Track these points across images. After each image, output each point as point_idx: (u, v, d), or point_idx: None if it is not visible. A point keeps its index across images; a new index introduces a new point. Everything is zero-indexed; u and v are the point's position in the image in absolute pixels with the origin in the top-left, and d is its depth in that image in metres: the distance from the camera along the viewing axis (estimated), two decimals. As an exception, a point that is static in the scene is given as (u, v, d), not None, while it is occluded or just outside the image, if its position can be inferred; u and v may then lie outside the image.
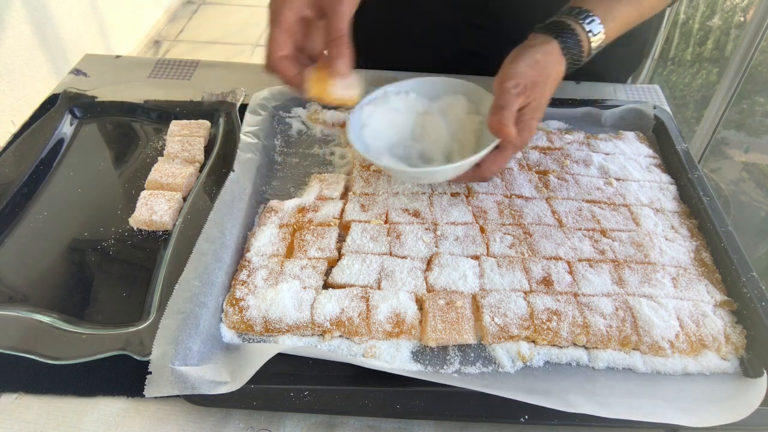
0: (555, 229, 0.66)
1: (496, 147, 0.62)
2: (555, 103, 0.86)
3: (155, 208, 0.68)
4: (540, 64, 0.61)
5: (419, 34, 0.65)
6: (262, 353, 0.52)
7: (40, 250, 0.65)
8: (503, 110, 0.59)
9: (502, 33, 0.69)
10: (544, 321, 0.56)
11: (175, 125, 0.79)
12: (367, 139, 0.67)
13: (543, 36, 0.63)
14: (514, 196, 0.71)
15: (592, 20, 0.64)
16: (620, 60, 0.96)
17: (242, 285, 0.60)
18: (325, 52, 0.59)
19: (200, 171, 0.75)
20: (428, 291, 0.59)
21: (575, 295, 0.59)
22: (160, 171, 0.72)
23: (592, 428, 0.52)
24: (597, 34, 0.64)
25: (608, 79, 0.95)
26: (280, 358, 0.53)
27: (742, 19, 1.84)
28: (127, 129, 0.83)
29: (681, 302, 0.59)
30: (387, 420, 0.53)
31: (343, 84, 0.58)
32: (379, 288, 0.60)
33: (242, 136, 0.76)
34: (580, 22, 0.64)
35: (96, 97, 0.85)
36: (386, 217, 0.68)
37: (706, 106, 1.57)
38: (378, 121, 0.68)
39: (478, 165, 0.63)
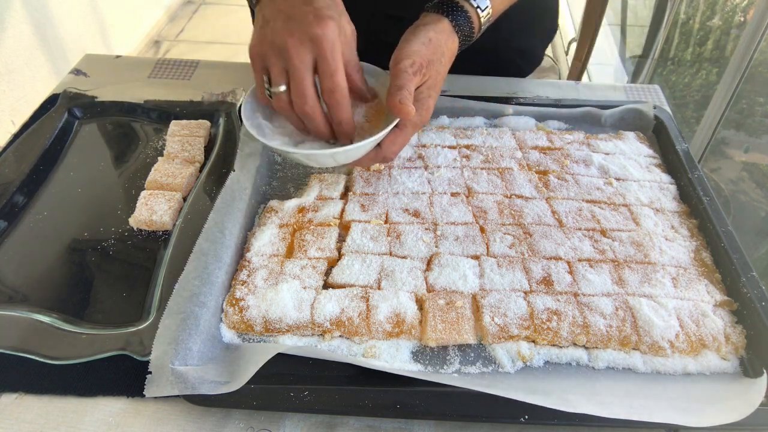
0: (555, 229, 0.66)
1: (396, 126, 0.62)
2: (555, 103, 0.87)
3: (155, 208, 0.68)
4: (433, 42, 0.62)
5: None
6: (262, 353, 0.52)
7: (40, 250, 0.65)
8: (401, 90, 0.58)
9: (416, 20, 0.70)
10: (544, 321, 0.56)
11: (175, 125, 0.79)
12: (264, 122, 0.65)
13: (434, 15, 0.64)
14: (514, 196, 0.71)
15: None
16: (536, 32, 0.99)
17: (242, 285, 0.60)
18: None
19: (200, 171, 0.75)
20: (428, 291, 0.59)
21: (575, 295, 0.59)
22: (160, 171, 0.72)
23: (592, 428, 0.52)
24: (485, 9, 0.66)
25: (528, 53, 0.98)
26: (280, 358, 0.53)
27: (742, 19, 1.84)
28: (127, 129, 0.83)
29: (681, 302, 0.59)
30: (387, 420, 0.53)
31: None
32: (379, 288, 0.60)
33: (242, 136, 0.76)
34: None
35: (96, 97, 0.85)
36: (386, 217, 0.68)
37: (706, 106, 1.57)
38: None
39: (379, 146, 0.63)
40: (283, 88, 0.59)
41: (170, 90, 0.89)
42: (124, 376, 0.54)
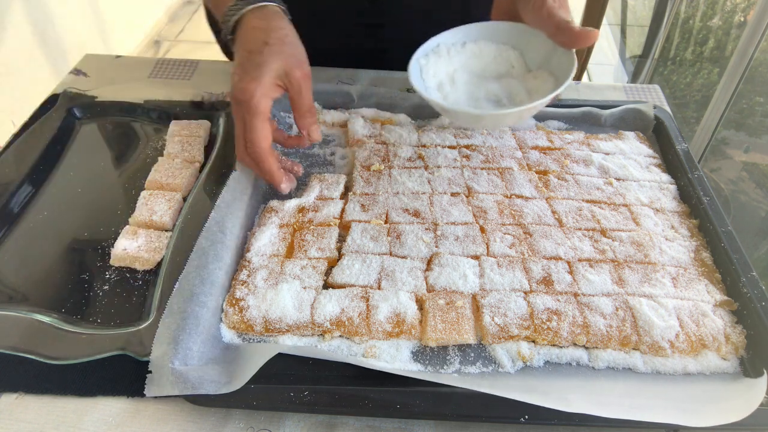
0: (555, 229, 0.66)
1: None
2: (555, 103, 0.86)
3: (155, 208, 0.68)
4: None
5: (315, 39, 0.68)
6: (262, 353, 0.52)
7: (40, 250, 0.65)
8: (570, 23, 0.61)
9: (398, 27, 0.71)
10: (544, 321, 0.56)
11: (175, 125, 0.79)
12: (437, 94, 0.68)
13: None
14: (514, 196, 0.71)
15: None
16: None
17: (242, 285, 0.60)
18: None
19: (200, 171, 0.75)
20: (428, 291, 0.59)
21: (575, 294, 0.59)
22: (160, 171, 0.72)
23: (592, 428, 0.52)
24: None
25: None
26: (280, 358, 0.53)
27: (742, 19, 1.84)
28: (127, 129, 0.83)
29: (681, 302, 0.59)
30: (387, 420, 0.53)
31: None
32: (379, 288, 0.60)
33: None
34: None
35: (96, 97, 0.85)
36: (386, 217, 0.68)
37: (706, 106, 1.57)
38: (441, 77, 0.69)
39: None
40: None
41: (170, 90, 0.89)
42: (124, 376, 0.54)
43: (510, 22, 0.69)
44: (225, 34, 0.68)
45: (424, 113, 0.85)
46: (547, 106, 0.77)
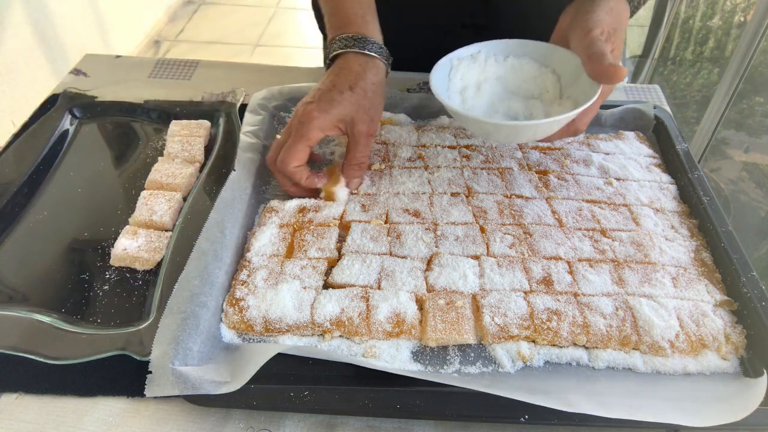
0: (555, 229, 0.66)
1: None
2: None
3: (155, 208, 0.68)
4: (614, 11, 0.63)
5: (411, 36, 0.67)
6: (262, 353, 0.52)
7: (40, 250, 0.65)
8: (605, 56, 0.59)
9: (499, 33, 0.70)
10: (544, 321, 0.56)
11: (175, 125, 0.79)
12: (457, 97, 0.68)
13: None
14: (514, 196, 0.71)
15: None
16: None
17: (242, 285, 0.60)
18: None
19: (200, 171, 0.75)
20: (428, 291, 0.59)
21: (575, 294, 0.59)
22: (160, 171, 0.72)
23: (592, 428, 0.52)
24: None
25: None
26: (280, 358, 0.53)
27: (742, 19, 1.84)
28: (127, 129, 0.83)
29: (681, 302, 0.59)
30: (387, 420, 0.53)
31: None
32: (379, 288, 0.60)
33: (242, 136, 0.76)
34: None
35: (96, 97, 0.85)
36: (386, 217, 0.68)
37: (707, 106, 1.57)
38: (468, 82, 0.69)
39: (573, 119, 0.63)
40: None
41: (170, 90, 0.89)
42: (124, 376, 0.54)
43: (559, 46, 0.67)
44: (327, 54, 0.70)
45: (424, 113, 0.85)
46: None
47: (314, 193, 0.70)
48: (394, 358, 0.55)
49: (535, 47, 0.69)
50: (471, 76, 0.69)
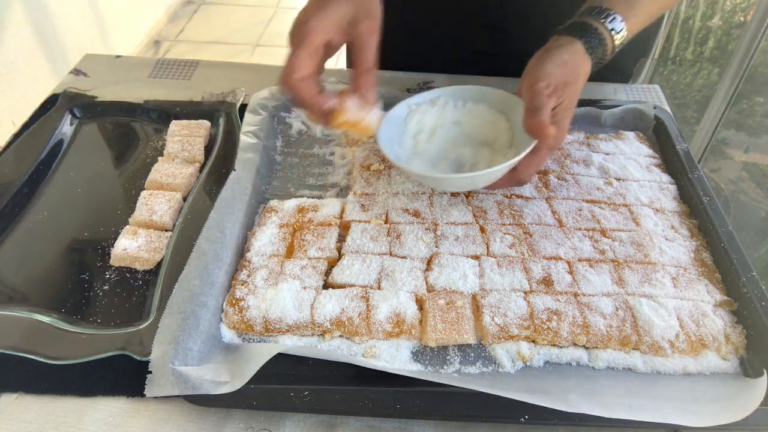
0: (555, 229, 0.66)
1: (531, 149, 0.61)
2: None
3: (155, 208, 0.68)
4: (568, 65, 0.62)
5: (434, 36, 0.66)
6: (262, 353, 0.52)
7: (40, 250, 0.65)
8: (539, 111, 0.58)
9: (514, 32, 0.69)
10: (544, 321, 0.56)
11: (175, 125, 0.79)
12: (397, 147, 0.66)
13: (567, 37, 0.63)
14: (514, 196, 0.71)
15: (614, 18, 0.64)
16: (630, 50, 0.96)
17: (242, 285, 0.60)
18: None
19: (200, 171, 0.75)
20: (428, 291, 0.59)
21: (575, 295, 0.59)
22: (160, 171, 0.72)
23: (592, 428, 0.52)
24: (620, 31, 0.64)
25: (618, 70, 0.95)
26: (280, 358, 0.53)
27: (742, 19, 1.84)
28: (127, 129, 0.83)
29: (681, 302, 0.59)
30: (387, 420, 0.53)
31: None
32: (379, 288, 0.60)
33: (242, 136, 0.76)
34: (602, 21, 0.64)
35: (96, 97, 0.85)
36: (386, 217, 0.68)
37: (707, 106, 1.57)
38: (424, 126, 0.68)
39: (514, 169, 0.62)
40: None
41: (170, 90, 0.89)
42: (124, 376, 0.54)
43: (514, 95, 0.66)
44: None
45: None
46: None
47: (329, 119, 0.61)
48: (394, 358, 0.55)
49: (492, 94, 0.68)
50: (428, 120, 0.68)
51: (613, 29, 0.64)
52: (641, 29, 0.68)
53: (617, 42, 0.65)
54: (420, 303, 0.59)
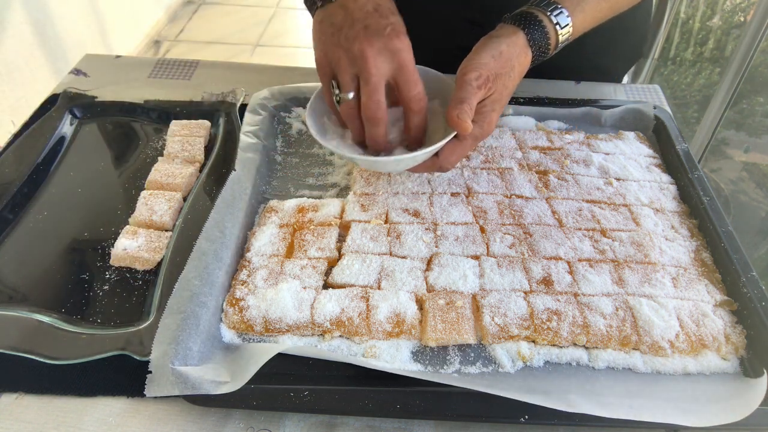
0: (555, 229, 0.66)
1: (455, 137, 0.61)
2: (555, 103, 0.86)
3: (155, 208, 0.68)
4: (504, 56, 0.61)
5: (414, 31, 0.66)
6: (262, 353, 0.52)
7: (40, 250, 0.65)
8: (462, 103, 0.58)
9: (493, 27, 0.69)
10: (544, 321, 0.56)
11: (175, 125, 0.79)
12: (327, 121, 0.66)
13: (510, 27, 0.63)
14: (514, 196, 0.71)
15: (560, 12, 0.63)
16: (619, 53, 0.96)
17: (242, 285, 0.60)
18: None
19: (200, 171, 0.75)
20: (428, 291, 0.59)
21: (575, 295, 0.59)
22: (160, 171, 0.72)
23: (592, 428, 0.52)
24: (564, 26, 0.64)
25: (608, 74, 0.95)
26: (280, 358, 0.53)
27: (742, 19, 1.84)
28: (127, 129, 0.83)
29: (681, 302, 0.59)
30: (387, 420, 0.53)
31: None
32: (379, 288, 0.60)
33: (242, 136, 0.76)
34: (548, 13, 0.63)
35: (96, 97, 0.85)
36: (386, 217, 0.68)
37: (707, 105, 1.57)
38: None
39: (437, 155, 0.62)
40: (352, 95, 0.59)
41: (170, 90, 0.89)
42: (124, 376, 0.54)
43: (449, 78, 0.65)
44: None
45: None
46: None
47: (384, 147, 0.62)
48: (394, 358, 0.55)
49: (428, 76, 0.66)
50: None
51: (558, 23, 0.63)
52: (588, 29, 0.68)
53: (561, 38, 0.65)
54: (420, 303, 0.59)
